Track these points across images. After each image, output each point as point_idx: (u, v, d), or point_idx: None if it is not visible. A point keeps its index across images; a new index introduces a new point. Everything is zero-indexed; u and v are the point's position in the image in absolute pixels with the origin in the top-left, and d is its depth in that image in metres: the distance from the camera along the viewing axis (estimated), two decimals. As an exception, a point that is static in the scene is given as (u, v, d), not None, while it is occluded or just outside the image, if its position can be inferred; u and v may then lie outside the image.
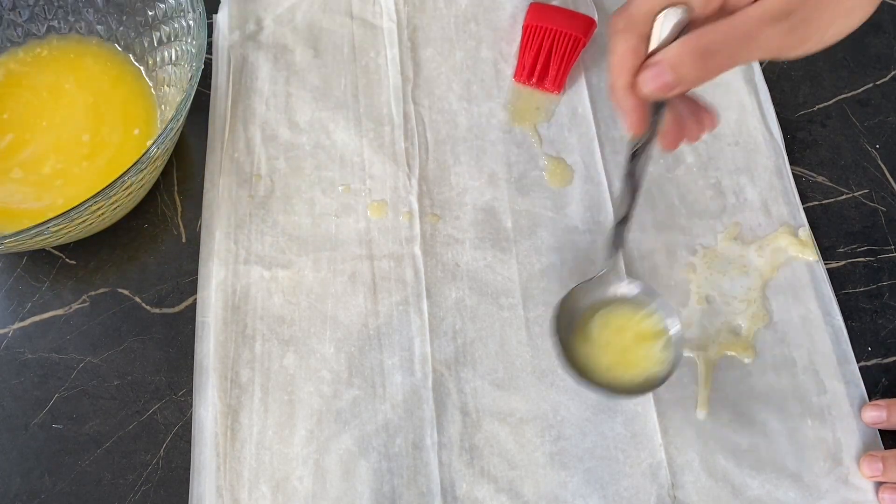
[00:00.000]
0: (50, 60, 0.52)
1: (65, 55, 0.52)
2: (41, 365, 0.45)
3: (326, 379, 0.45)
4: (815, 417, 0.45)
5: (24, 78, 0.52)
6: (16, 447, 0.43)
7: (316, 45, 0.56)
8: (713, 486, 0.43)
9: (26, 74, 0.52)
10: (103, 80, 0.52)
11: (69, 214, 0.40)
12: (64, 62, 0.52)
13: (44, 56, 0.52)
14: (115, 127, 0.50)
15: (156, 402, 0.44)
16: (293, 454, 0.43)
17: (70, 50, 0.53)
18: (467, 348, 0.46)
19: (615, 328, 0.43)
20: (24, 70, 0.52)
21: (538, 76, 0.54)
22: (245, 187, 0.50)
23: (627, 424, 0.44)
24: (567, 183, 0.51)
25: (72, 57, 0.52)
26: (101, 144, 0.50)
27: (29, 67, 0.52)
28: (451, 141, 0.53)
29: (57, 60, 0.52)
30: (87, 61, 0.52)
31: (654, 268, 0.49)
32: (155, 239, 0.49)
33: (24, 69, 0.52)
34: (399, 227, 0.50)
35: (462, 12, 0.58)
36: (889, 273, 0.50)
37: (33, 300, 0.47)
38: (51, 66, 0.52)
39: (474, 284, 0.48)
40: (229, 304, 0.47)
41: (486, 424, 0.44)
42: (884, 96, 0.56)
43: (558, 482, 0.43)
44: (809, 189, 0.52)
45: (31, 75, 0.52)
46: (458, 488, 0.42)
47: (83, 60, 0.52)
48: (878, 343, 0.47)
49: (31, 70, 0.52)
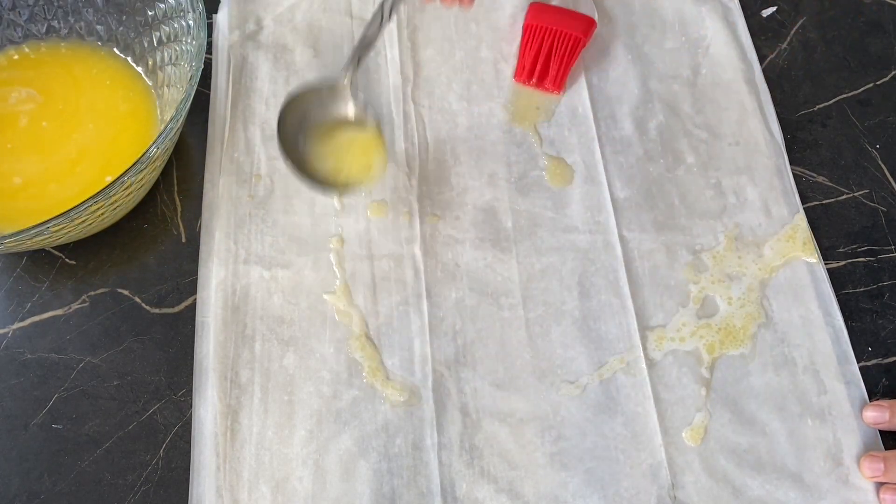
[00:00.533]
0: (50, 61, 0.52)
1: (64, 55, 0.52)
2: (41, 365, 0.45)
3: (326, 379, 0.45)
4: (815, 417, 0.45)
5: (23, 78, 0.52)
6: (16, 447, 0.43)
7: (316, 45, 0.56)
8: (713, 487, 0.43)
9: (26, 74, 0.52)
10: (103, 80, 0.52)
11: (69, 214, 0.40)
12: (64, 62, 0.52)
13: (43, 56, 0.52)
14: (115, 127, 0.50)
15: (156, 403, 0.44)
16: (293, 454, 0.43)
17: (69, 50, 0.53)
18: (467, 348, 0.46)
19: (342, 141, 0.48)
20: (23, 70, 0.52)
21: (538, 76, 0.54)
22: (245, 187, 0.50)
23: (627, 424, 0.44)
24: (567, 183, 0.51)
25: (71, 57, 0.52)
26: (101, 144, 0.50)
27: (29, 67, 0.52)
28: (451, 141, 0.53)
29: (57, 61, 0.52)
30: (86, 61, 0.52)
31: (655, 268, 0.49)
32: (155, 239, 0.49)
33: (24, 69, 0.52)
34: (399, 227, 0.49)
35: (462, 12, 0.57)
36: (889, 273, 0.50)
37: (33, 300, 0.47)
38: (51, 67, 0.52)
39: (474, 284, 0.48)
40: (229, 304, 0.47)
41: (486, 425, 0.44)
42: (884, 96, 0.56)
43: (558, 482, 0.43)
44: (809, 189, 0.52)
45: (31, 75, 0.52)
46: (457, 489, 0.42)
47: (83, 61, 0.52)
48: (878, 343, 0.47)
49: (30, 70, 0.52)
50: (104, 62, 0.52)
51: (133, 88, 0.52)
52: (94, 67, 0.52)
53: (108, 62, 0.52)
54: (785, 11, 0.59)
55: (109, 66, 0.52)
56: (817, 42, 0.58)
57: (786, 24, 0.59)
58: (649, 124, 0.53)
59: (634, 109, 0.54)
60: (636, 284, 0.48)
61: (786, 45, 0.58)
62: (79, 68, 0.52)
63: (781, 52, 0.57)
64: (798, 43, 0.58)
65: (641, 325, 0.47)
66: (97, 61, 0.52)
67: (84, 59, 0.52)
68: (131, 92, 0.52)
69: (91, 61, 0.52)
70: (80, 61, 0.52)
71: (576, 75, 0.55)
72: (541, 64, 0.54)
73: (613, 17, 0.58)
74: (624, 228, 0.50)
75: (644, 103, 0.54)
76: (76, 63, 0.52)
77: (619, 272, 0.48)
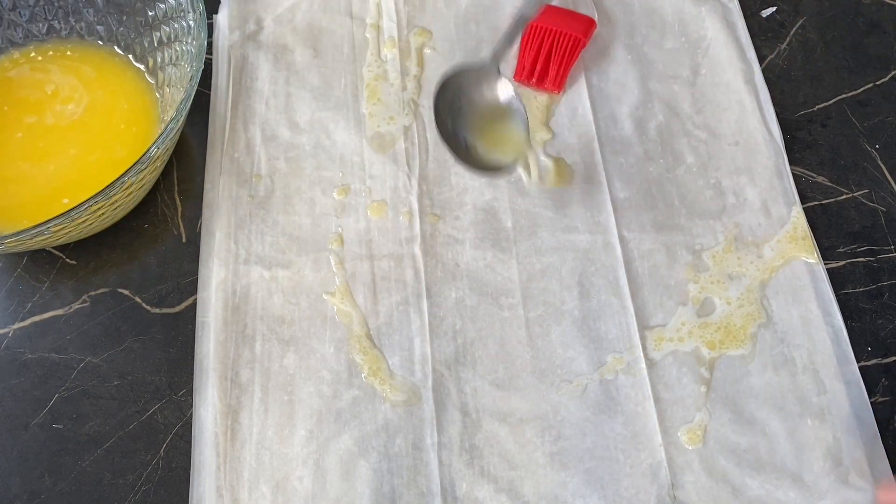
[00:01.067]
0: (50, 61, 0.52)
1: (65, 56, 0.53)
2: (41, 365, 0.45)
3: (326, 379, 0.45)
4: (815, 417, 0.45)
5: (24, 78, 0.52)
6: (16, 447, 0.43)
7: (316, 45, 0.56)
8: (713, 487, 0.43)
9: (27, 75, 0.52)
10: (103, 80, 0.52)
11: (69, 214, 0.40)
12: (64, 63, 0.52)
13: (44, 56, 0.52)
14: (115, 127, 0.50)
15: (156, 402, 0.44)
16: (293, 454, 0.43)
17: (70, 50, 0.53)
18: (467, 348, 0.46)
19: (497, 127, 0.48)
20: (24, 70, 0.52)
21: (538, 76, 0.54)
22: (245, 187, 0.50)
23: (627, 424, 0.44)
24: (567, 183, 0.51)
25: (72, 57, 0.53)
26: (102, 145, 0.50)
27: (29, 68, 0.52)
28: (451, 141, 0.53)
29: (57, 61, 0.52)
30: (87, 62, 0.52)
31: (655, 268, 0.49)
32: (155, 239, 0.49)
33: (24, 69, 0.52)
34: (399, 227, 0.50)
35: (462, 13, 0.58)
36: (889, 273, 0.50)
37: (33, 300, 0.47)
38: (51, 67, 0.52)
39: (474, 284, 0.48)
40: (229, 304, 0.47)
41: (485, 424, 0.44)
42: (884, 96, 0.56)
43: (558, 482, 0.43)
44: (809, 189, 0.52)
45: (32, 76, 0.52)
46: (457, 488, 0.42)
47: (83, 61, 0.52)
48: (878, 343, 0.47)
49: (31, 70, 0.52)
50: (104, 63, 0.52)
51: (133, 88, 0.52)
52: (95, 68, 0.52)
53: (109, 63, 0.52)
54: (784, 12, 0.59)
55: (110, 67, 0.52)
56: (817, 42, 0.58)
57: (785, 24, 0.59)
58: (649, 124, 0.54)
59: (634, 109, 0.54)
60: (636, 284, 0.48)
61: (785, 46, 0.58)
62: (79, 69, 0.52)
63: (781, 53, 0.57)
64: (797, 43, 0.58)
65: (641, 324, 0.47)
66: (97, 62, 0.52)
67: (84, 59, 0.52)
68: (132, 92, 0.52)
69: (91, 62, 0.52)
70: (81, 62, 0.52)
71: (576, 75, 0.55)
72: (540, 64, 0.54)
73: (613, 17, 0.58)
74: (624, 228, 0.50)
75: (644, 103, 0.54)
76: (76, 64, 0.52)
77: (618, 272, 0.48)
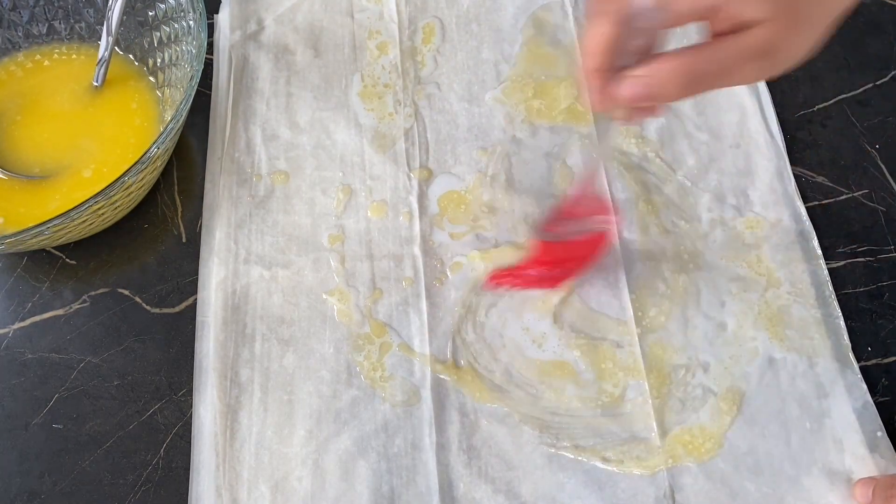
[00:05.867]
0: (51, 61, 0.52)
1: (65, 56, 0.53)
2: (41, 365, 0.45)
3: (326, 379, 0.45)
4: (814, 419, 0.45)
5: (25, 78, 0.52)
6: (16, 447, 0.43)
7: (317, 46, 0.56)
8: (711, 489, 0.43)
9: (27, 75, 0.52)
10: (112, 78, 0.52)
11: (69, 214, 0.40)
12: (65, 63, 0.52)
13: (44, 57, 0.52)
14: (115, 127, 0.50)
15: (156, 402, 0.45)
16: (292, 454, 0.43)
17: (71, 51, 0.53)
18: (467, 349, 0.46)
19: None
20: (24, 71, 0.52)
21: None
22: (245, 187, 0.50)
23: (626, 426, 0.44)
24: (567, 183, 0.51)
25: (73, 58, 0.53)
26: (102, 145, 0.50)
27: (30, 68, 0.52)
28: (451, 141, 0.53)
29: (58, 61, 0.52)
30: (88, 62, 0.52)
31: (655, 268, 0.49)
32: (155, 239, 0.49)
33: (24, 70, 0.52)
34: (399, 227, 0.50)
35: (463, 13, 0.58)
36: (889, 273, 0.49)
37: (33, 300, 0.47)
38: (51, 67, 0.52)
39: (474, 285, 0.48)
40: (229, 303, 0.47)
41: (484, 425, 0.44)
42: (884, 96, 0.56)
43: (556, 483, 0.43)
44: (809, 189, 0.52)
45: (32, 76, 0.52)
46: (456, 489, 0.42)
47: (84, 61, 0.52)
48: (878, 343, 0.47)
49: (31, 70, 0.52)
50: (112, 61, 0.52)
51: (134, 89, 0.52)
52: (95, 68, 0.52)
53: (113, 61, 0.52)
54: (785, 12, 0.59)
55: (114, 65, 0.52)
56: (817, 42, 0.58)
57: (786, 24, 0.59)
58: (649, 125, 0.53)
59: (634, 110, 0.54)
60: (636, 284, 0.48)
61: (786, 46, 0.58)
62: (80, 69, 0.52)
63: (782, 53, 0.57)
64: (798, 43, 0.58)
65: (641, 325, 0.47)
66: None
67: (85, 60, 0.52)
68: (132, 92, 0.52)
69: (92, 62, 0.52)
70: (81, 62, 0.52)
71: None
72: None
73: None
74: (624, 229, 0.50)
75: (644, 104, 0.54)
76: (77, 64, 0.52)
77: (619, 272, 0.48)
